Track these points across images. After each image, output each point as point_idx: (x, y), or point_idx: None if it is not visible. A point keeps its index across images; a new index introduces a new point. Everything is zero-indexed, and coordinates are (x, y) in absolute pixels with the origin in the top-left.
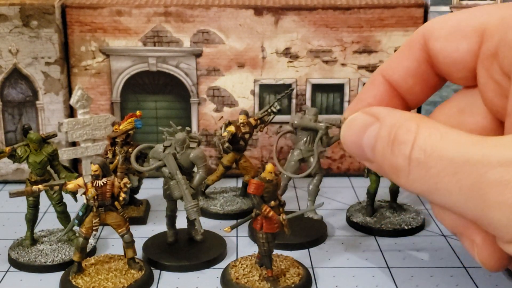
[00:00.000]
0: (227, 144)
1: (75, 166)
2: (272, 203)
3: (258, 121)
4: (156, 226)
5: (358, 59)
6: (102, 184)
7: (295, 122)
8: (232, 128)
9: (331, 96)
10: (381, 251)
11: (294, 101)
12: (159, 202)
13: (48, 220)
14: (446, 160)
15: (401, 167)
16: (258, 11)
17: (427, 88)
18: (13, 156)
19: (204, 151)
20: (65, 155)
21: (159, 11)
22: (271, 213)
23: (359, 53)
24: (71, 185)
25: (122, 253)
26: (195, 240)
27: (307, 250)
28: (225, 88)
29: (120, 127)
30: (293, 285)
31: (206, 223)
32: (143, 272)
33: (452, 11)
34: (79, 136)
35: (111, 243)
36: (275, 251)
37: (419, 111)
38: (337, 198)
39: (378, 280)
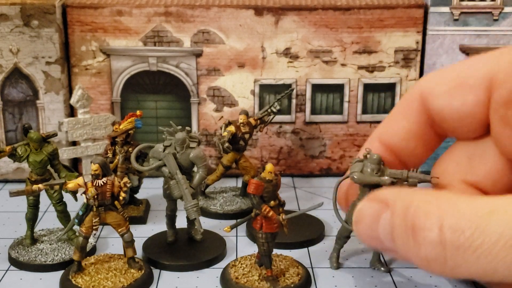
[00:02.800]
0: (227, 144)
1: (75, 165)
2: (272, 203)
3: (258, 121)
4: (156, 226)
5: (358, 60)
6: (102, 184)
7: (355, 177)
8: (232, 128)
9: (331, 96)
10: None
11: (294, 101)
12: (159, 202)
13: (48, 220)
14: (496, 234)
15: (433, 255)
16: (258, 11)
17: (428, 149)
18: (13, 155)
19: (204, 151)
20: (65, 154)
21: (159, 11)
22: (271, 213)
23: (359, 54)
24: (71, 184)
25: (122, 253)
26: (195, 240)
27: (306, 250)
28: (225, 88)
29: (120, 127)
30: (292, 285)
31: (206, 223)
32: (143, 271)
33: (452, 12)
34: (79, 136)
35: (111, 242)
36: (275, 251)
37: None
38: None
39: (377, 280)
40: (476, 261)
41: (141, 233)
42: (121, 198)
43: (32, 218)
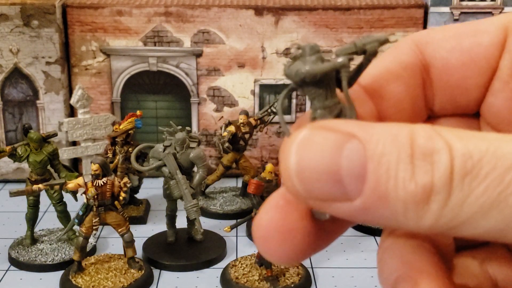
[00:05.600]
0: (227, 144)
1: (75, 165)
2: None
3: (258, 121)
4: (156, 226)
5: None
6: (102, 184)
7: (306, 70)
8: (232, 128)
9: None
10: None
11: (294, 101)
12: (159, 202)
13: (48, 220)
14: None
15: (439, 184)
16: (259, 11)
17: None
18: (13, 155)
19: (204, 151)
20: (65, 154)
21: (159, 11)
22: None
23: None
24: (71, 184)
25: (122, 253)
26: (195, 240)
27: None
28: (225, 88)
29: (120, 127)
30: (292, 285)
31: (206, 223)
32: (143, 271)
33: (452, 12)
34: (79, 136)
35: (111, 242)
36: None
37: None
38: None
39: (377, 281)
40: (482, 194)
41: (141, 233)
42: (121, 198)
43: (32, 218)
